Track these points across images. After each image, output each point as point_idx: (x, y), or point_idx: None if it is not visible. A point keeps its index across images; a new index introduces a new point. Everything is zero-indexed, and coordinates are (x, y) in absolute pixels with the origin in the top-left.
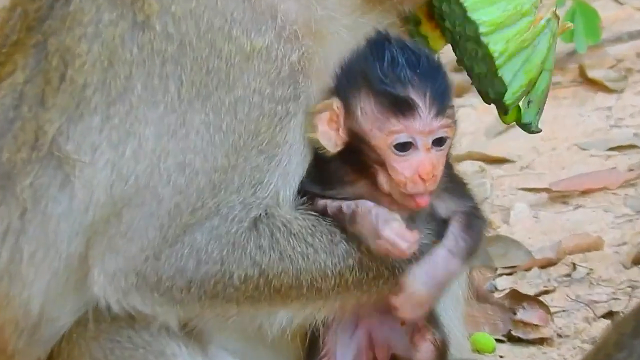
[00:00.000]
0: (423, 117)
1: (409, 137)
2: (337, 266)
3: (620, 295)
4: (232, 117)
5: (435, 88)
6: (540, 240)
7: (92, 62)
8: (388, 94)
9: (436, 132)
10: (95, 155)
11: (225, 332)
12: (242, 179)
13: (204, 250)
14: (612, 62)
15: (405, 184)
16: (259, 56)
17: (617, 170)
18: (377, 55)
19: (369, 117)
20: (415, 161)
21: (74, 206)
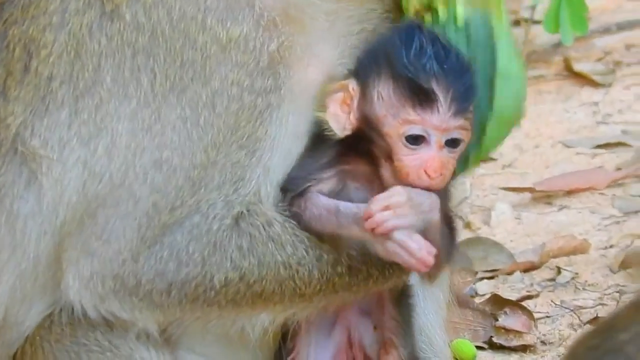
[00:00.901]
0: (441, 113)
1: (422, 131)
2: (324, 274)
3: (607, 300)
4: (210, 111)
5: (459, 86)
6: (523, 242)
7: (58, 53)
8: (410, 80)
9: (452, 131)
10: (64, 152)
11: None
12: (222, 175)
13: (185, 251)
14: (600, 54)
15: (410, 176)
16: (236, 46)
17: (604, 169)
18: (406, 42)
19: (385, 102)
20: (425, 156)
21: (42, 205)
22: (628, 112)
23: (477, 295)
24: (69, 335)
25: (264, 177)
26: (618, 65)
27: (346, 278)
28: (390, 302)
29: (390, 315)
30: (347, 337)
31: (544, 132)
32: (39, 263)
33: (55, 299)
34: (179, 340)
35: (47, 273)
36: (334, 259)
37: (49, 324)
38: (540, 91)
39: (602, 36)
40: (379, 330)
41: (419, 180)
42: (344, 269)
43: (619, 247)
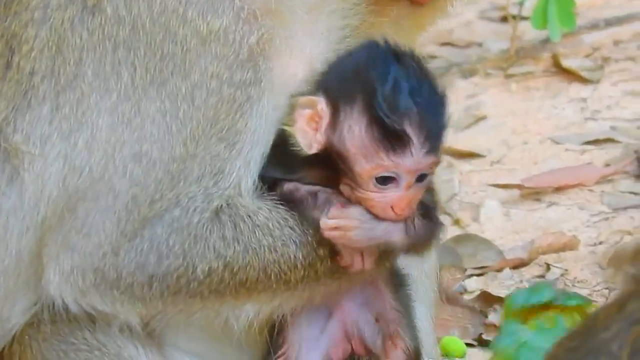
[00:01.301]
0: (414, 155)
1: (394, 174)
2: (307, 257)
3: (597, 297)
4: (189, 104)
5: (433, 125)
6: (512, 239)
7: (39, 48)
8: (384, 124)
9: (423, 169)
10: (45, 147)
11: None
12: (202, 168)
13: (165, 244)
14: (588, 50)
15: (374, 209)
16: (216, 39)
17: (593, 165)
18: (381, 75)
19: (357, 139)
20: (393, 197)
21: (24, 201)
22: (616, 108)
23: (467, 292)
24: (57, 334)
25: (245, 170)
26: (606, 61)
27: (328, 262)
28: (389, 293)
29: (392, 306)
30: (343, 330)
31: (532, 128)
32: (22, 259)
33: (39, 296)
34: (167, 338)
35: (30, 269)
36: (317, 241)
37: (37, 322)
38: (529, 87)
39: (590, 32)
40: (383, 323)
41: (384, 214)
42: (326, 252)
43: (608, 244)
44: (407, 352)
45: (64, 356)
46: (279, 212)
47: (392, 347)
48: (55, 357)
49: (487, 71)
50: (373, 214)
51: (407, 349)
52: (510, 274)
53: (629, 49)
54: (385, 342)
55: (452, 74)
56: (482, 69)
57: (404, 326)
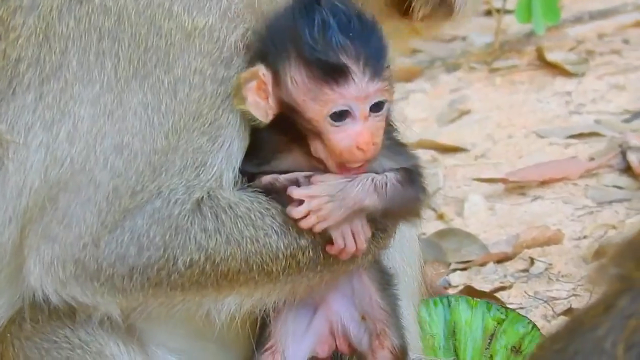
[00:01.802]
0: (358, 82)
1: (345, 106)
2: (288, 248)
3: (581, 291)
4: (172, 97)
5: (370, 50)
6: (496, 233)
7: (26, 35)
8: (320, 61)
9: (373, 96)
10: (29, 137)
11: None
12: (183, 161)
13: (146, 235)
14: (572, 44)
15: (342, 154)
16: (201, 36)
17: (578, 159)
18: (307, 19)
19: (301, 87)
20: (353, 131)
21: (6, 191)
22: (601, 102)
23: (451, 287)
24: (39, 332)
25: (226, 163)
26: (591, 55)
27: (310, 252)
28: (376, 292)
29: (379, 305)
30: (329, 327)
31: (517, 122)
32: (4, 252)
33: (23, 292)
34: (149, 335)
35: (12, 263)
36: (298, 231)
37: (19, 320)
38: (513, 81)
39: (574, 25)
40: (369, 321)
41: (352, 157)
42: (308, 242)
43: (592, 238)
44: (394, 351)
45: (46, 354)
46: (260, 202)
47: (379, 347)
48: (37, 355)
49: (471, 65)
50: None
51: (394, 348)
52: (495, 268)
53: (613, 42)
54: (372, 341)
55: (436, 68)
56: (466, 63)
57: (391, 325)
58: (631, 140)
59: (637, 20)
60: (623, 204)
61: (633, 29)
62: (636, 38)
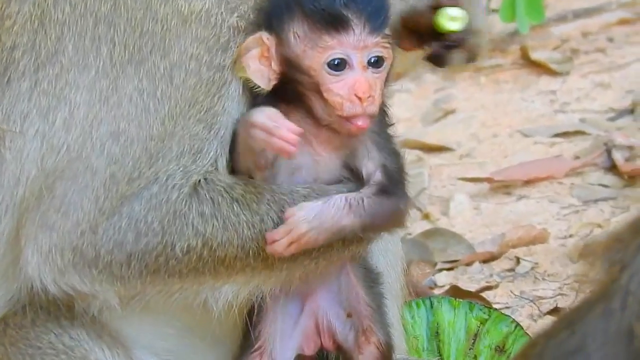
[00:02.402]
0: (357, 33)
1: (342, 54)
2: None
3: (567, 290)
4: (168, 83)
5: (371, 6)
6: (482, 233)
7: (21, 22)
8: (321, 11)
9: (371, 49)
10: (24, 125)
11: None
12: (180, 147)
13: (143, 221)
14: (557, 42)
15: (342, 104)
16: (197, 20)
17: (563, 158)
18: None
19: (302, 38)
20: (351, 79)
21: (3, 181)
22: (586, 101)
23: (437, 287)
24: (24, 339)
25: (221, 150)
26: (575, 54)
27: None
28: (362, 289)
29: (365, 302)
30: (315, 324)
31: (501, 121)
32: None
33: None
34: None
35: (9, 255)
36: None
37: (3, 326)
38: (498, 80)
39: (558, 24)
40: (355, 318)
41: (352, 106)
42: None
43: (578, 237)
44: (380, 347)
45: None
46: (255, 186)
47: (365, 343)
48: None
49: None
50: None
51: (380, 344)
52: (480, 267)
53: (598, 41)
54: (359, 338)
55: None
56: None
57: (377, 321)
58: (616, 139)
59: (622, 18)
60: (608, 203)
61: (617, 27)
62: (620, 36)
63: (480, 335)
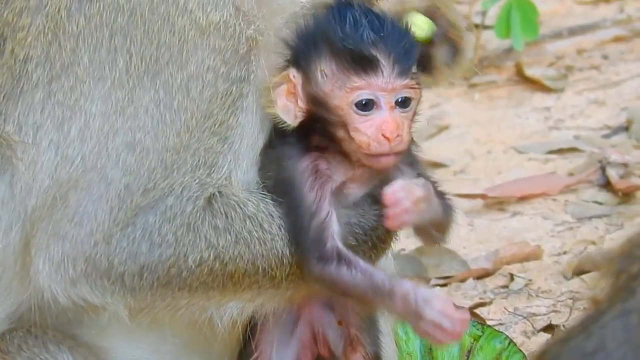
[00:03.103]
0: (386, 75)
1: (371, 95)
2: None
3: (561, 307)
4: (184, 95)
5: (399, 48)
6: (476, 249)
7: (35, 34)
8: (350, 51)
9: (399, 91)
10: (37, 136)
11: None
12: (195, 159)
13: (157, 232)
14: (551, 59)
15: (369, 144)
16: (216, 32)
17: (557, 174)
18: (339, 18)
19: (330, 77)
20: (379, 120)
21: (15, 192)
22: (580, 118)
23: None
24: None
25: (235, 163)
26: (570, 70)
27: None
28: None
29: (354, 310)
30: (311, 332)
31: (495, 137)
32: (7, 257)
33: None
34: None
35: (14, 267)
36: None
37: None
38: (492, 97)
39: (553, 41)
40: (344, 326)
41: (379, 146)
42: None
43: (572, 253)
44: (366, 357)
45: None
46: (267, 203)
47: (352, 352)
48: None
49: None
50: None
51: (366, 354)
52: (474, 284)
53: (592, 58)
54: (346, 347)
55: None
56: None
57: (366, 331)
58: (610, 156)
59: (616, 35)
60: (602, 220)
61: (612, 45)
62: (615, 54)
63: (473, 352)
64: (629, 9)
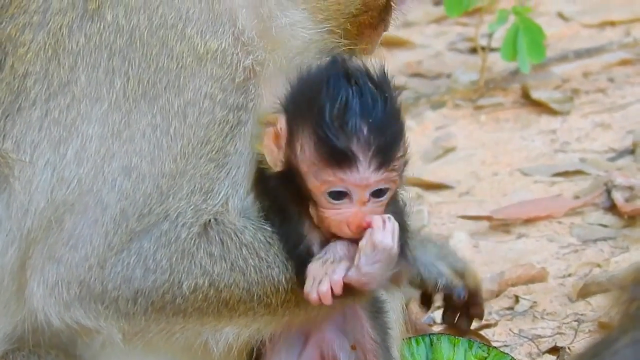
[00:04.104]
0: (361, 171)
1: (344, 188)
2: (289, 282)
3: (566, 329)
4: (181, 121)
5: (384, 139)
6: (481, 271)
7: (35, 50)
8: (330, 142)
9: (374, 185)
10: (34, 155)
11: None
12: (191, 185)
13: (152, 258)
14: (558, 82)
15: (331, 227)
16: (213, 59)
17: (563, 197)
18: (332, 94)
19: (307, 158)
20: (348, 212)
21: (11, 211)
22: (586, 141)
23: (435, 324)
24: None
25: (232, 190)
26: (576, 93)
27: None
28: (367, 321)
29: (370, 335)
30: (320, 356)
31: (501, 160)
32: (4, 277)
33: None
34: None
35: (11, 287)
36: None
37: None
38: (498, 119)
39: (559, 64)
40: (359, 351)
41: (341, 232)
42: None
43: (577, 276)
44: None
45: None
46: (265, 232)
47: None
48: None
49: (456, 102)
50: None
51: None
52: None
53: (598, 81)
54: None
55: (421, 105)
56: (451, 100)
57: (381, 356)
58: (616, 179)
59: (622, 59)
60: (608, 242)
61: (618, 68)
62: (621, 77)
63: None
64: (636, 32)
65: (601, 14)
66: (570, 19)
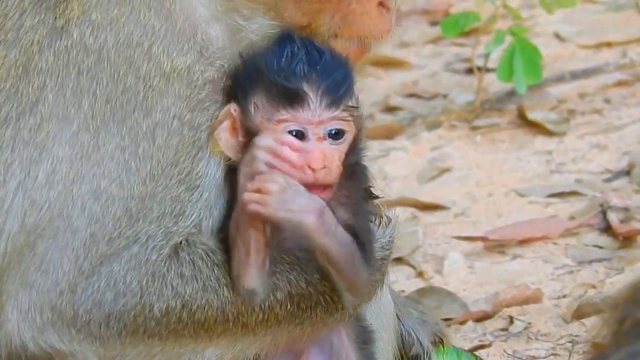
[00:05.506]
0: (312, 108)
1: (299, 127)
2: (265, 301)
3: (560, 350)
4: (150, 143)
5: (331, 80)
6: (476, 292)
7: (7, 67)
8: (279, 85)
9: (328, 123)
10: (7, 175)
11: None
12: (161, 208)
13: (122, 281)
14: (554, 103)
15: (295, 174)
16: (179, 78)
17: (558, 218)
18: (277, 51)
19: (260, 110)
20: (306, 152)
21: None
22: (582, 162)
23: None
24: None
25: (205, 212)
26: (572, 114)
27: (287, 306)
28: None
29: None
30: None
31: (497, 180)
32: None
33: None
34: None
35: None
36: (274, 285)
37: None
38: (494, 140)
39: (556, 85)
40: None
41: (304, 175)
42: (284, 296)
43: (572, 297)
44: None
45: None
46: None
47: None
48: None
49: (452, 123)
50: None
51: None
52: (474, 326)
53: (594, 102)
54: None
55: (416, 126)
56: (447, 121)
57: None
58: (612, 200)
59: (619, 80)
60: (603, 264)
61: (614, 89)
62: (618, 98)
63: None
64: (632, 53)
65: (598, 34)
66: (567, 40)
